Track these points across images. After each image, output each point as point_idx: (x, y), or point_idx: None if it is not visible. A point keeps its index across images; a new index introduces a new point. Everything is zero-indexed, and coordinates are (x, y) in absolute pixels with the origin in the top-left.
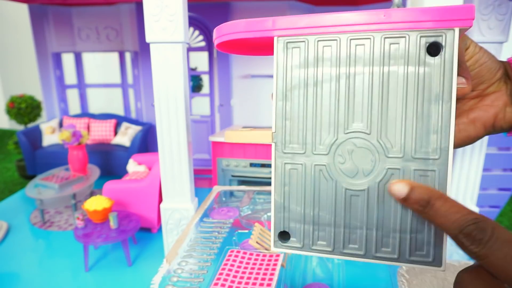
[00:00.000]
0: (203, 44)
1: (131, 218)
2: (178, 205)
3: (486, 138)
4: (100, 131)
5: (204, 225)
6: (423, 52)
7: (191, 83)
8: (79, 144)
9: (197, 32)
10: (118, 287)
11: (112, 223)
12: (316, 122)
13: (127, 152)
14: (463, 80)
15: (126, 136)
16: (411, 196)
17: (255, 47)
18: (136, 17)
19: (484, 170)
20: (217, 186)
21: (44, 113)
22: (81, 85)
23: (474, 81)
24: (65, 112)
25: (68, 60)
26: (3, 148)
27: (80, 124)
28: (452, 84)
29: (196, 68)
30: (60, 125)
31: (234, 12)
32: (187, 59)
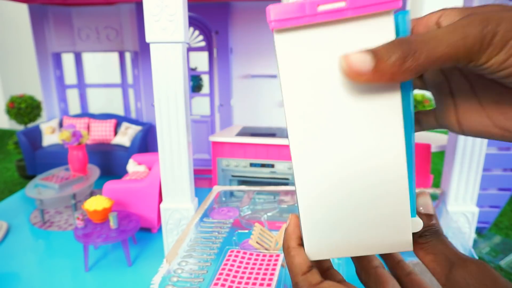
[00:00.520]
0: (203, 44)
1: (131, 218)
2: (178, 205)
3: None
4: (100, 131)
5: (204, 225)
6: None
7: (191, 83)
8: (79, 144)
9: (197, 32)
10: (118, 287)
11: (112, 223)
12: None
13: (127, 152)
14: None
15: (126, 136)
16: None
17: None
18: (136, 17)
19: (484, 170)
20: (217, 186)
21: (44, 113)
22: (81, 85)
23: None
24: (65, 112)
25: (68, 60)
26: (3, 148)
27: (80, 124)
28: None
29: (196, 68)
30: (60, 125)
31: (234, 12)
32: (187, 59)
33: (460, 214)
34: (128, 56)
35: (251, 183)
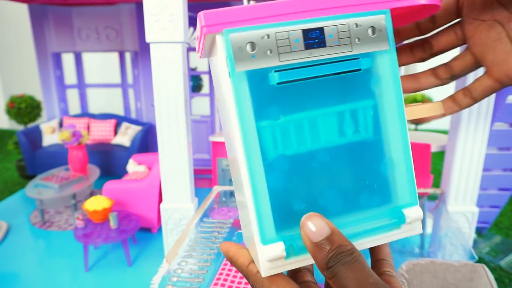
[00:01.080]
0: None
1: (131, 218)
2: (178, 205)
3: (486, 138)
4: (100, 131)
5: (204, 225)
6: None
7: (191, 83)
8: (79, 144)
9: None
10: (118, 287)
11: (112, 223)
12: None
13: (127, 152)
14: None
15: (126, 136)
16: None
17: None
18: (136, 17)
19: (484, 170)
20: (217, 186)
21: (44, 113)
22: (81, 85)
23: None
24: (65, 112)
25: (68, 60)
26: (3, 148)
27: (80, 124)
28: None
29: (196, 68)
30: (60, 125)
31: None
32: (187, 59)
33: (460, 214)
34: (128, 56)
35: None
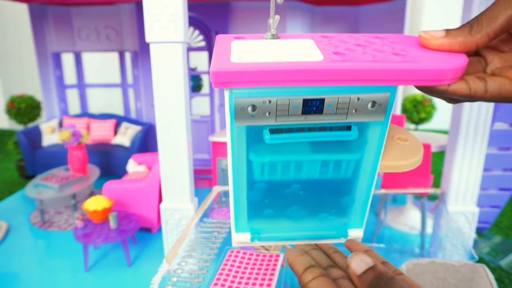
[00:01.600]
0: (203, 44)
1: (131, 218)
2: (178, 205)
3: (486, 138)
4: (100, 131)
5: (204, 225)
6: None
7: (191, 83)
8: (79, 144)
9: (197, 32)
10: (118, 287)
11: (112, 223)
12: None
13: (127, 152)
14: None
15: (126, 136)
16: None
17: None
18: (136, 17)
19: (484, 170)
20: (217, 186)
21: (44, 113)
22: (81, 85)
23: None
24: (65, 112)
25: (68, 60)
26: (3, 148)
27: (80, 124)
28: None
29: (196, 68)
30: (60, 125)
31: (234, 12)
32: (187, 59)
33: (460, 214)
34: (128, 56)
35: None
